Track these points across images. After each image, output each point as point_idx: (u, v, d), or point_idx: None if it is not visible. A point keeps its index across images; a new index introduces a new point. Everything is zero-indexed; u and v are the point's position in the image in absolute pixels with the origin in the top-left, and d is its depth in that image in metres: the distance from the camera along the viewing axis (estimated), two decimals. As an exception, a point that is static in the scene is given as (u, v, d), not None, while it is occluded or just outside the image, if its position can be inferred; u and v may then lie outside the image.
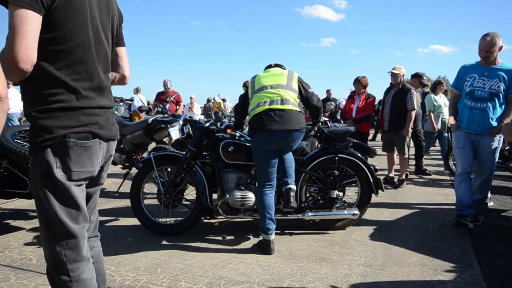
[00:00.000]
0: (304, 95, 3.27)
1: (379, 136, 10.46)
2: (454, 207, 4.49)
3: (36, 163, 1.42)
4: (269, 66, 3.46)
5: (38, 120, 1.38)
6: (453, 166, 6.38)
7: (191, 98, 13.66)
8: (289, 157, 3.23)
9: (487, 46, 3.45)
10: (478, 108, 3.54)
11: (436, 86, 6.80)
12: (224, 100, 17.36)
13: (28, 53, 1.25)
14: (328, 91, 12.15)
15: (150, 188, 4.10)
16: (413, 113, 5.46)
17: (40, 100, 1.38)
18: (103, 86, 1.54)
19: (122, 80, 1.77)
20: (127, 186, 3.65)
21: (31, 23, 1.26)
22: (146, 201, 3.73)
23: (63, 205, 1.43)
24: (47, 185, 1.41)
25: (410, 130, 5.56)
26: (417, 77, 6.89)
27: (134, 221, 3.58)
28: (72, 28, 1.38)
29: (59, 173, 1.41)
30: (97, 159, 1.52)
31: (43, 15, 1.30)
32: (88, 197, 1.62)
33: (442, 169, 7.15)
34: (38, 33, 1.28)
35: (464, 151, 3.65)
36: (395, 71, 5.56)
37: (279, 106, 3.03)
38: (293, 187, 3.22)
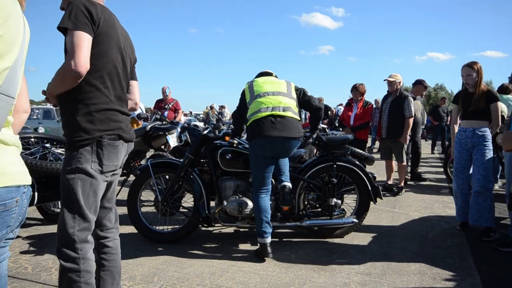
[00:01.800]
0: (306, 99, 3.34)
1: (377, 143, 10.49)
2: (453, 214, 4.49)
3: (73, 157, 1.78)
4: (261, 74, 3.44)
5: (79, 123, 1.76)
6: (451, 174, 6.38)
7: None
8: (285, 163, 3.26)
9: None
10: None
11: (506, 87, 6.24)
12: (223, 107, 17.42)
13: (85, 61, 1.67)
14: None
15: (147, 195, 4.08)
16: (411, 121, 5.46)
17: (80, 105, 1.77)
18: (123, 98, 1.98)
19: (134, 107, 2.19)
20: (124, 194, 3.63)
21: (87, 41, 1.70)
22: (143, 209, 3.71)
23: (86, 193, 1.79)
24: (80, 175, 1.77)
25: (408, 137, 5.56)
26: (419, 83, 6.48)
27: (131, 229, 3.55)
28: (106, 49, 1.82)
29: (93, 166, 1.80)
30: (121, 156, 1.94)
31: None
32: (109, 186, 1.99)
33: (441, 176, 7.15)
34: (90, 49, 1.71)
35: None
36: (391, 79, 5.58)
37: (281, 113, 3.04)
38: (288, 184, 3.24)
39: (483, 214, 3.50)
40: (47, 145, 3.57)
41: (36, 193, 3.13)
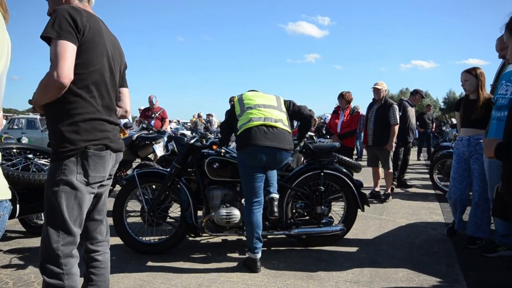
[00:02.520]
0: (295, 109, 3.35)
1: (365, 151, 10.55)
2: (439, 220, 4.54)
3: (58, 168, 1.73)
4: (249, 91, 3.42)
5: (64, 133, 1.72)
6: (437, 180, 6.47)
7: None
8: (273, 175, 3.26)
9: None
10: None
11: None
12: (210, 115, 17.38)
13: (69, 71, 1.64)
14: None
15: (133, 206, 4.02)
16: (396, 128, 5.53)
17: (65, 115, 1.73)
18: (111, 107, 1.93)
19: (124, 115, 2.14)
20: (110, 204, 3.56)
21: (71, 50, 1.66)
22: (129, 220, 3.65)
23: (70, 206, 1.75)
24: (64, 187, 1.73)
25: (394, 144, 5.62)
26: (417, 93, 6.89)
27: (116, 240, 3.48)
28: (93, 57, 1.79)
29: (79, 178, 1.75)
30: (108, 167, 1.89)
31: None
32: (99, 198, 1.97)
33: (427, 182, 7.23)
34: (74, 59, 1.68)
35: None
36: (377, 87, 5.65)
37: (273, 124, 3.03)
38: (276, 196, 3.24)
39: (481, 226, 3.46)
40: (30, 156, 3.49)
41: (18, 205, 3.06)
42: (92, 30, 1.77)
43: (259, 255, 3.05)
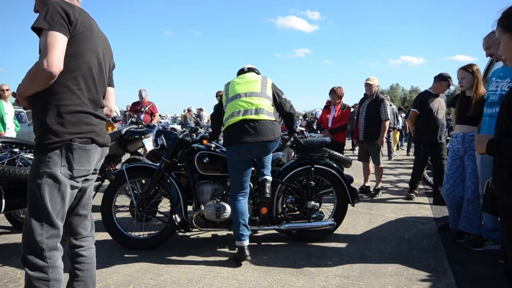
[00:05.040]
0: (278, 101, 3.25)
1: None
2: (428, 215, 4.58)
3: (42, 161, 1.71)
4: (242, 70, 3.42)
5: (49, 125, 1.69)
6: (427, 175, 6.52)
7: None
8: (266, 162, 3.26)
9: None
10: None
11: None
12: (201, 110, 17.30)
13: (58, 61, 1.63)
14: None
15: (122, 201, 3.98)
16: (387, 123, 5.56)
17: (50, 107, 1.71)
18: (98, 102, 1.91)
19: (108, 113, 2.10)
20: (98, 199, 3.52)
21: (61, 41, 1.66)
22: (118, 215, 3.61)
23: (53, 199, 1.73)
24: (47, 179, 1.71)
25: (384, 140, 5.65)
26: (443, 79, 5.16)
27: (105, 236, 3.45)
28: (82, 50, 1.78)
29: (63, 171, 1.73)
30: (93, 161, 1.87)
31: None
32: (83, 192, 1.95)
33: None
34: (64, 50, 1.67)
35: None
36: (370, 82, 5.66)
37: (254, 117, 3.00)
38: (269, 178, 3.23)
39: (473, 222, 3.47)
40: (16, 150, 3.42)
41: (3, 200, 2.99)
42: (83, 24, 1.77)
43: (246, 243, 3.06)
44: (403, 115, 14.72)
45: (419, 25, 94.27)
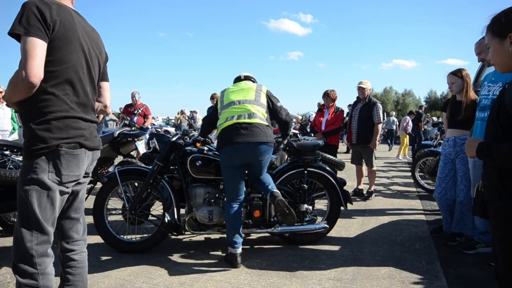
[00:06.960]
0: (273, 109, 3.26)
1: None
2: (421, 218, 4.61)
3: (29, 167, 1.69)
4: (238, 78, 3.43)
5: (35, 131, 1.67)
6: (419, 178, 6.56)
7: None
8: (262, 174, 3.22)
9: None
10: None
11: None
12: (194, 112, 17.25)
13: (38, 70, 1.58)
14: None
15: (114, 204, 3.95)
16: (380, 126, 5.60)
17: (36, 113, 1.67)
18: (87, 104, 1.86)
19: (104, 109, 2.08)
20: (90, 202, 3.49)
21: (40, 48, 1.60)
22: (110, 218, 3.58)
23: (42, 206, 1.70)
24: (35, 186, 1.68)
25: (378, 143, 5.68)
26: None
27: (96, 239, 3.42)
28: (65, 54, 1.71)
29: (51, 177, 1.70)
30: (83, 165, 1.84)
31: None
32: (75, 195, 1.92)
33: (409, 180, 7.34)
34: (44, 56, 1.62)
35: None
36: (363, 86, 5.69)
37: (246, 120, 3.01)
38: (276, 191, 3.11)
39: (467, 224, 3.52)
40: (7, 152, 3.39)
41: (-7, 203, 2.96)
42: (63, 25, 1.69)
43: (239, 250, 3.05)
44: (412, 117, 13.25)
45: (411, 28, 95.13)
